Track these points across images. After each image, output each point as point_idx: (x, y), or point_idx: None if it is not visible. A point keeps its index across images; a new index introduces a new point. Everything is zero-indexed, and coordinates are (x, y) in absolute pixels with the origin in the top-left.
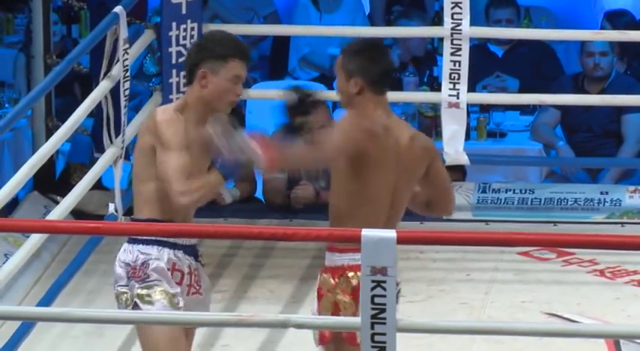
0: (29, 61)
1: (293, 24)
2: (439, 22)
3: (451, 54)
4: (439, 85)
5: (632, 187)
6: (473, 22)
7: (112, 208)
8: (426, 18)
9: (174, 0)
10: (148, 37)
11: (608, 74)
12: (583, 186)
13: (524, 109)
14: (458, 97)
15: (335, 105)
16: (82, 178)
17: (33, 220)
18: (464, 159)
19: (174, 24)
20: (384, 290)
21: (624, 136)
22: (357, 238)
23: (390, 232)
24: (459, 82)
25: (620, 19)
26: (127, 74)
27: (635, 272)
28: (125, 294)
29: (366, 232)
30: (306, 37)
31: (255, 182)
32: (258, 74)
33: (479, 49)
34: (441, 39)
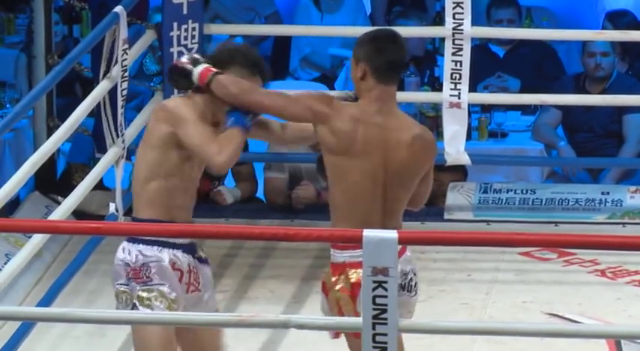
0: (30, 62)
1: (294, 24)
2: (440, 22)
3: (452, 54)
4: (440, 85)
5: (633, 188)
6: (474, 22)
7: (112, 208)
8: (425, 18)
9: (175, 0)
10: (148, 37)
11: (609, 74)
12: (584, 186)
13: (525, 109)
14: (459, 97)
15: None
16: (83, 178)
17: (34, 220)
18: (465, 159)
19: (175, 24)
20: (385, 291)
21: (625, 137)
22: (359, 239)
23: (391, 233)
24: (460, 82)
25: (622, 19)
26: (126, 74)
27: (637, 272)
28: (125, 293)
29: (367, 233)
30: (308, 38)
31: (257, 182)
32: None
33: (480, 49)
34: (443, 39)
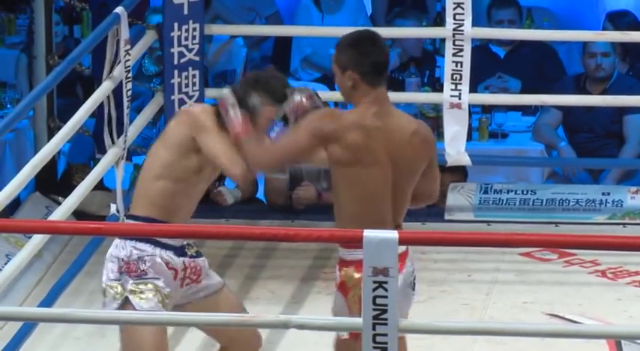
0: (31, 62)
1: (295, 25)
2: (441, 22)
3: (453, 55)
4: (441, 86)
5: (633, 188)
6: (475, 23)
7: (113, 208)
8: (423, 18)
9: (176, 0)
10: (149, 37)
11: (610, 75)
12: (585, 187)
13: (526, 109)
14: (460, 98)
15: (337, 105)
16: (83, 178)
17: (35, 220)
18: (465, 160)
19: (175, 24)
20: (385, 291)
21: (626, 137)
22: (359, 239)
23: (392, 233)
24: (460, 83)
25: (622, 19)
26: (129, 75)
27: (637, 273)
28: (115, 288)
29: (368, 233)
30: (308, 38)
31: (257, 183)
32: None
33: (481, 49)
34: (443, 39)
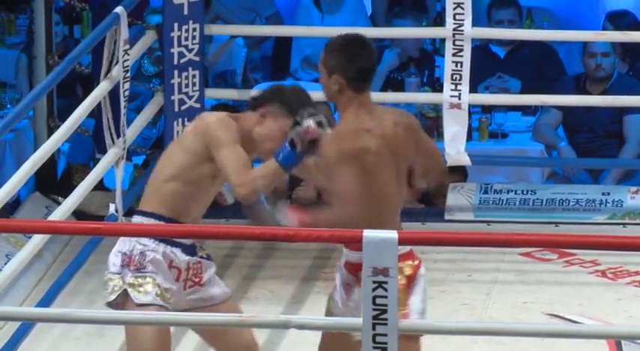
0: (31, 62)
1: (295, 25)
2: (441, 22)
3: (453, 55)
4: (441, 86)
5: (633, 188)
6: (475, 23)
7: (112, 208)
8: (422, 18)
9: (176, 1)
10: (149, 37)
11: (610, 75)
12: (585, 187)
13: (525, 109)
14: (460, 98)
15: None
16: (83, 178)
17: (34, 220)
18: (465, 160)
19: (175, 25)
20: (385, 291)
21: (626, 137)
22: (359, 239)
23: (391, 233)
24: (460, 83)
25: (622, 19)
26: (127, 75)
27: (637, 273)
28: (113, 280)
29: (368, 233)
30: (308, 38)
31: None
32: (260, 75)
33: (481, 49)
34: (443, 40)
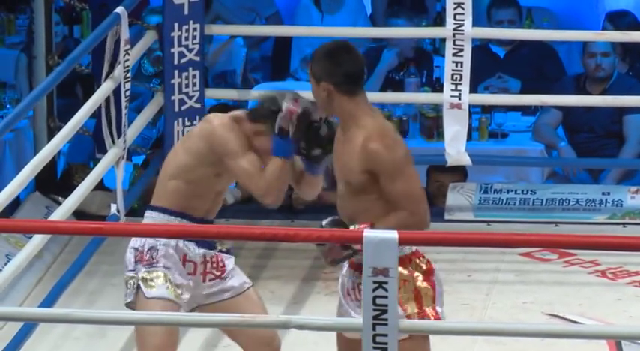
0: (31, 62)
1: (295, 25)
2: (441, 22)
3: (453, 55)
4: (441, 86)
5: (633, 188)
6: (475, 23)
7: (114, 208)
8: (421, 17)
9: (176, 1)
10: (149, 37)
11: (609, 75)
12: (584, 187)
13: (525, 109)
14: (460, 98)
15: None
16: (83, 178)
17: (35, 220)
18: (465, 160)
19: (176, 25)
20: (385, 291)
21: (626, 137)
22: (359, 239)
23: (391, 233)
24: (460, 83)
25: (622, 19)
26: (128, 75)
27: (637, 273)
28: (133, 278)
29: (368, 233)
30: (308, 38)
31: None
32: (259, 75)
33: (481, 49)
34: (443, 39)
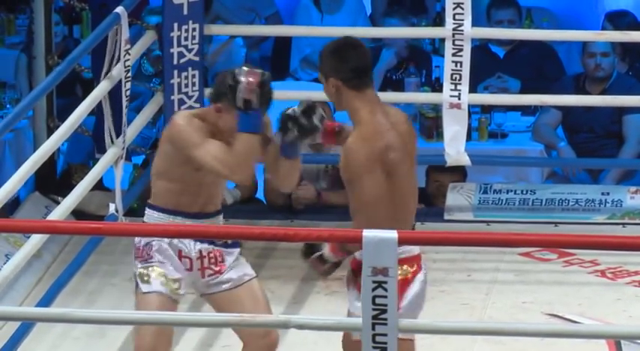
0: (31, 62)
1: (294, 25)
2: (441, 22)
3: (453, 55)
4: (440, 86)
5: (633, 188)
6: (474, 23)
7: (112, 208)
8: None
9: (175, 1)
10: (149, 37)
11: (609, 75)
12: (584, 187)
13: (525, 109)
14: (459, 98)
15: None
16: (83, 178)
17: (34, 220)
18: (465, 160)
19: (175, 25)
20: (385, 291)
21: (625, 137)
22: (359, 239)
23: (391, 233)
24: (460, 83)
25: (622, 19)
26: (129, 75)
27: (637, 273)
28: (133, 275)
29: (367, 233)
30: (308, 38)
31: (257, 183)
32: None
33: (480, 49)
34: (443, 40)
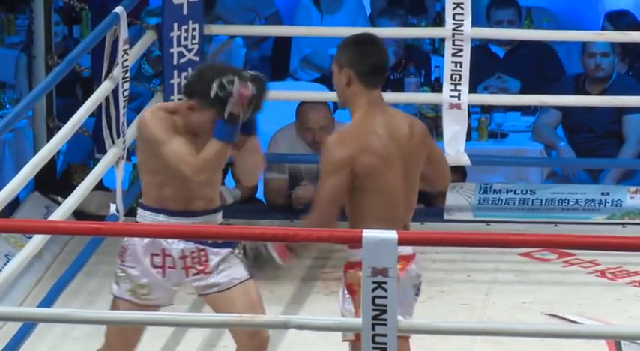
0: (31, 62)
1: (294, 25)
2: (440, 22)
3: (452, 55)
4: (440, 86)
5: (633, 188)
6: (474, 23)
7: (113, 208)
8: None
9: (175, 1)
10: (149, 37)
11: (609, 75)
12: (584, 187)
13: (525, 109)
14: (459, 98)
15: (336, 105)
16: (83, 178)
17: (34, 220)
18: (465, 160)
19: (175, 25)
20: (384, 291)
21: (625, 137)
22: (359, 239)
23: (391, 233)
24: (460, 83)
25: (622, 19)
26: (127, 75)
27: (636, 273)
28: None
29: (367, 233)
30: (308, 38)
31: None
32: None
33: (480, 49)
34: (443, 40)
